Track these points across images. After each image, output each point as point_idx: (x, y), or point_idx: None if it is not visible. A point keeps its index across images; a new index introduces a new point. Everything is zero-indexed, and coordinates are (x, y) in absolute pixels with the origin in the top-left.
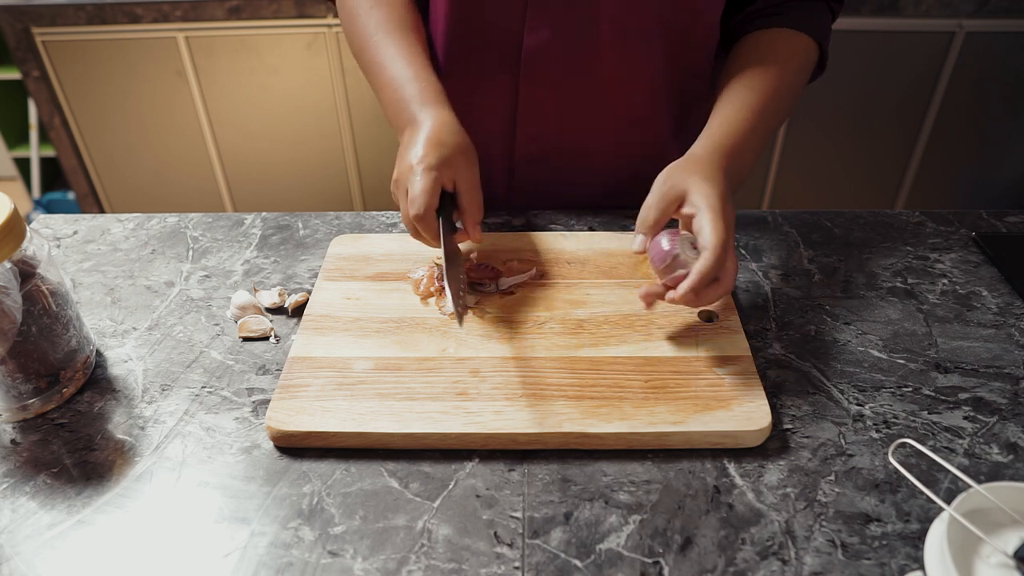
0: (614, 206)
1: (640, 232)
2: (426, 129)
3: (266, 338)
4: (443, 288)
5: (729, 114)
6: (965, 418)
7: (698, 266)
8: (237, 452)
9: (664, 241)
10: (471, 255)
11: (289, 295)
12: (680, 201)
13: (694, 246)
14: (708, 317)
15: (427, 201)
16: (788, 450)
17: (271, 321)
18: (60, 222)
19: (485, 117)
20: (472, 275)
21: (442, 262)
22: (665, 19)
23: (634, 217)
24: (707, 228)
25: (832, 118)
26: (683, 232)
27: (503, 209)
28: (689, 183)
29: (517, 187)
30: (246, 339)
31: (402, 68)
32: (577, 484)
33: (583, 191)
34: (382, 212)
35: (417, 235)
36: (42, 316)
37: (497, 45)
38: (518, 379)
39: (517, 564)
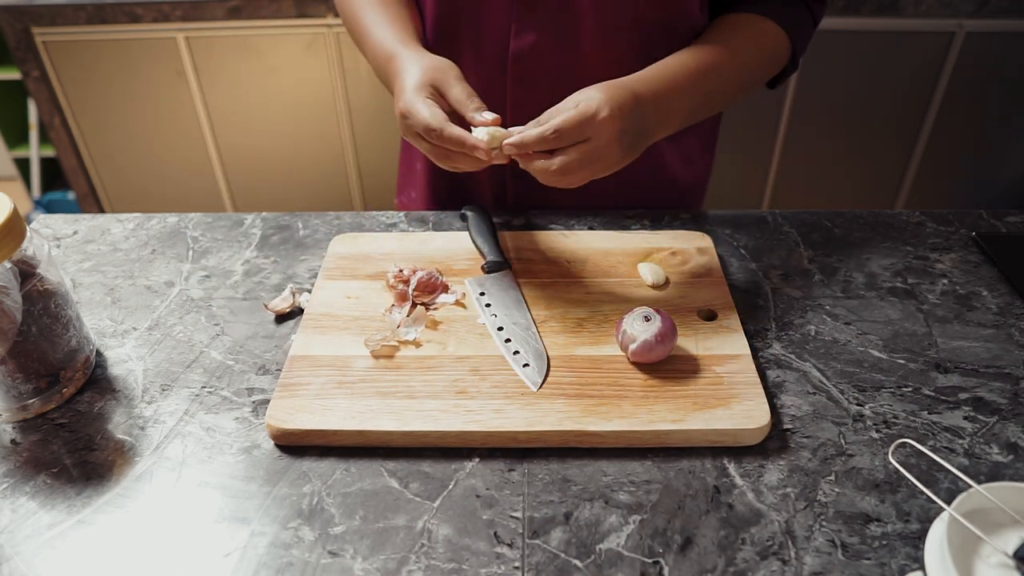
0: (612, 205)
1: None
2: (402, 72)
3: (293, 313)
4: (403, 295)
5: (657, 69)
6: (965, 418)
7: (535, 130)
8: (237, 452)
9: (622, 321)
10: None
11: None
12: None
13: (646, 319)
14: (708, 316)
15: (436, 117)
16: (788, 450)
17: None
18: (60, 222)
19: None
20: (416, 293)
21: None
22: (644, 18)
23: (634, 217)
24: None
25: (832, 118)
26: (638, 307)
27: (503, 209)
28: (586, 95)
29: (511, 190)
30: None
31: (385, 32)
32: (577, 484)
33: (576, 192)
34: (382, 212)
35: (458, 159)
36: (42, 316)
37: (486, 48)
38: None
39: (517, 564)
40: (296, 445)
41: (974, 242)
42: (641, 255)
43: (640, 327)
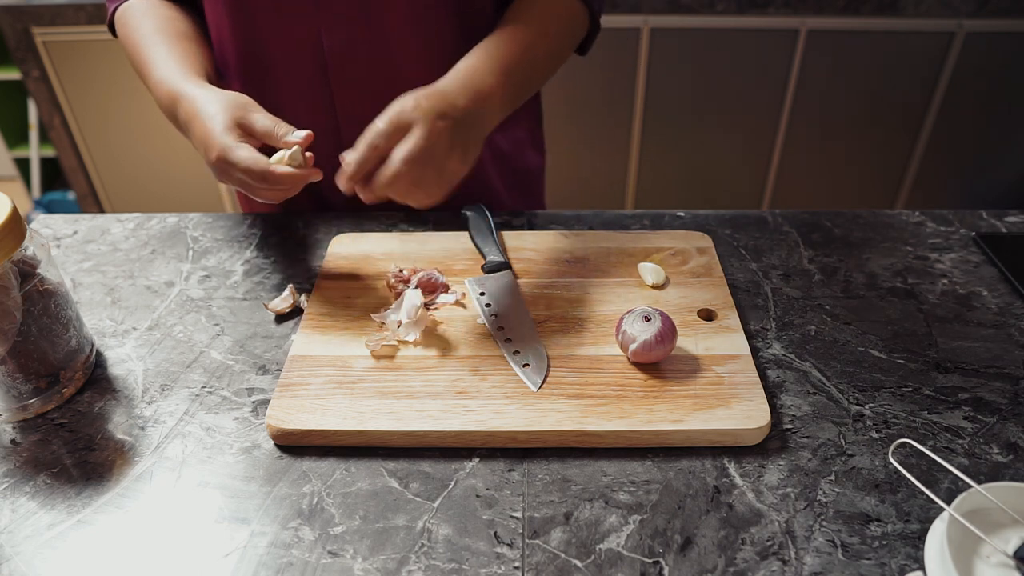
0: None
1: (355, 153)
2: (201, 114)
3: (293, 313)
4: (399, 294)
5: (461, 65)
6: (965, 418)
7: (358, 151)
8: (237, 452)
9: (622, 321)
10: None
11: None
12: (405, 130)
13: (646, 319)
14: (708, 316)
15: (258, 162)
16: (788, 450)
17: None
18: (60, 222)
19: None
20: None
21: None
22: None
23: (635, 217)
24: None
25: (832, 118)
26: (638, 307)
27: (504, 211)
28: (414, 117)
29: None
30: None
31: (169, 69)
32: (577, 484)
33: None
34: (382, 212)
35: (272, 193)
36: (42, 316)
37: (300, 57)
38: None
39: (517, 564)
40: (296, 445)
41: (974, 242)
42: (641, 255)
43: (640, 327)
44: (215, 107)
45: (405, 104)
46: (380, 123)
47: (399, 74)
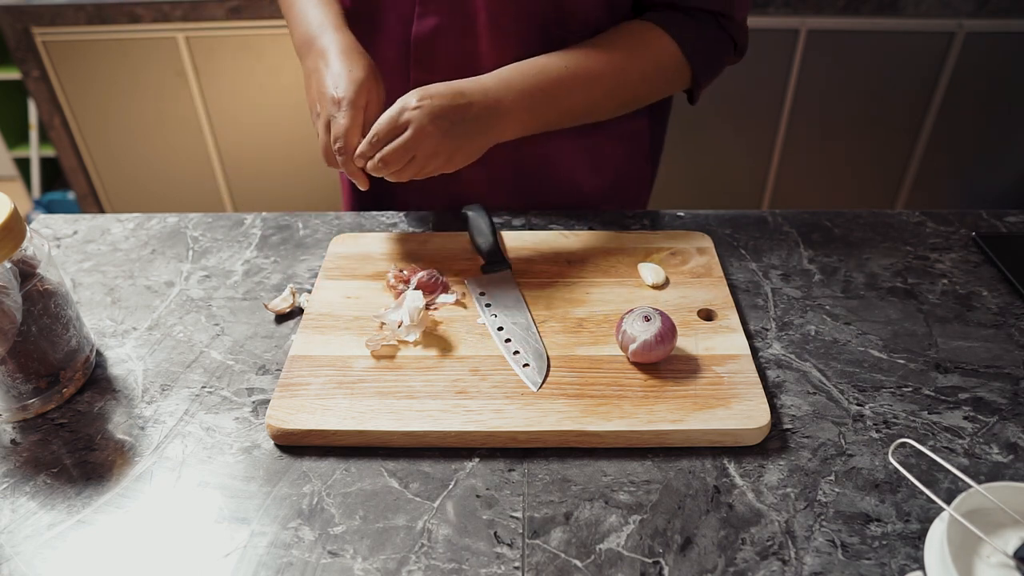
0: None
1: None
2: (335, 55)
3: (293, 313)
4: (400, 293)
5: (500, 71)
6: (965, 418)
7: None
8: (237, 452)
9: (622, 321)
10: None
11: (300, 295)
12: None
13: (646, 319)
14: (708, 316)
15: (353, 141)
16: (788, 450)
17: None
18: (60, 222)
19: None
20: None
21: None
22: (536, 13)
23: (635, 218)
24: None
25: (832, 118)
26: (638, 307)
27: (504, 210)
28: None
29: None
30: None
31: (310, 6)
32: (577, 484)
33: (477, 177)
34: (382, 212)
35: (334, 164)
36: (42, 316)
37: (392, 31)
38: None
39: (517, 564)
40: (296, 445)
41: (974, 242)
42: (641, 255)
43: (640, 327)
44: (350, 78)
45: (408, 102)
46: (383, 119)
47: (480, 69)
